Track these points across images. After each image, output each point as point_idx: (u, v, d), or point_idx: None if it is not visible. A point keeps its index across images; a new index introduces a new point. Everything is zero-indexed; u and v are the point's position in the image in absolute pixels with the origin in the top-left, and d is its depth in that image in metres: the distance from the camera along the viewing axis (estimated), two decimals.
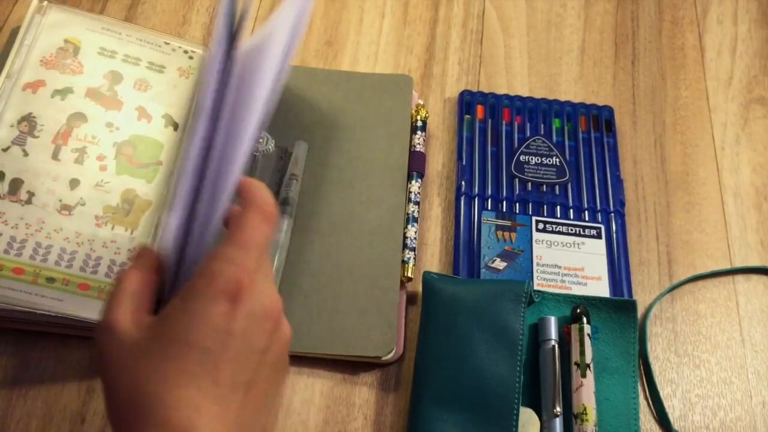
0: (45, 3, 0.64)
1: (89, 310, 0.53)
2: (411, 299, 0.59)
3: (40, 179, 0.57)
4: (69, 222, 0.56)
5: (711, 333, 0.60)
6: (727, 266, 0.63)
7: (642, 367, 0.58)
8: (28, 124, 0.59)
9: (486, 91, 0.70)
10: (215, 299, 0.36)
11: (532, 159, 0.66)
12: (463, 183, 0.64)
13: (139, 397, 0.36)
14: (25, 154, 0.57)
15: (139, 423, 0.35)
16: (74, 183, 0.57)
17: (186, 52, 0.66)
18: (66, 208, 0.56)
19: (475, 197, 0.64)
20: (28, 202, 0.56)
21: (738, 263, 0.64)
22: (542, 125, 0.68)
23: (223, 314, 0.36)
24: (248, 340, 0.37)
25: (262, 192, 0.40)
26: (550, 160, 0.66)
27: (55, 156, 0.58)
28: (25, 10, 0.64)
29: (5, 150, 0.57)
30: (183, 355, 0.36)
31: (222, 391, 0.36)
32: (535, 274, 0.60)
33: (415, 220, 0.61)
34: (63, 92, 0.61)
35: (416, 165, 0.64)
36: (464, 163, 0.65)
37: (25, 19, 0.63)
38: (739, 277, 0.63)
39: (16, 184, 0.56)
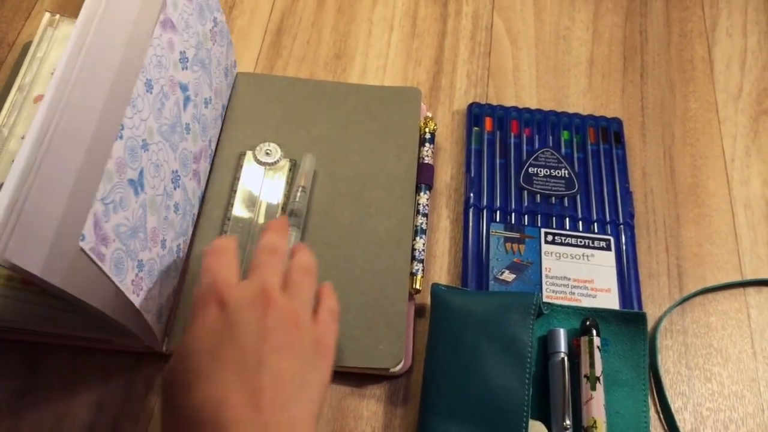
0: (57, 16, 0.64)
1: None
2: (419, 311, 0.59)
3: None
4: None
5: (722, 346, 0.60)
6: (738, 278, 0.63)
7: (652, 380, 0.58)
8: None
9: (494, 103, 0.70)
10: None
11: (540, 171, 0.66)
12: (471, 195, 0.64)
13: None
14: None
15: None
16: None
17: None
18: None
19: (483, 209, 0.64)
20: None
21: (749, 275, 0.63)
22: (551, 137, 0.68)
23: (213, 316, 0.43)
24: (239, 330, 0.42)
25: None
26: (558, 172, 0.66)
27: None
28: (36, 25, 0.64)
29: None
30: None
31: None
32: (544, 286, 0.60)
33: (424, 231, 0.61)
34: None
35: (425, 177, 0.64)
36: (473, 175, 0.65)
37: (38, 32, 0.63)
38: (750, 290, 0.63)
39: None
